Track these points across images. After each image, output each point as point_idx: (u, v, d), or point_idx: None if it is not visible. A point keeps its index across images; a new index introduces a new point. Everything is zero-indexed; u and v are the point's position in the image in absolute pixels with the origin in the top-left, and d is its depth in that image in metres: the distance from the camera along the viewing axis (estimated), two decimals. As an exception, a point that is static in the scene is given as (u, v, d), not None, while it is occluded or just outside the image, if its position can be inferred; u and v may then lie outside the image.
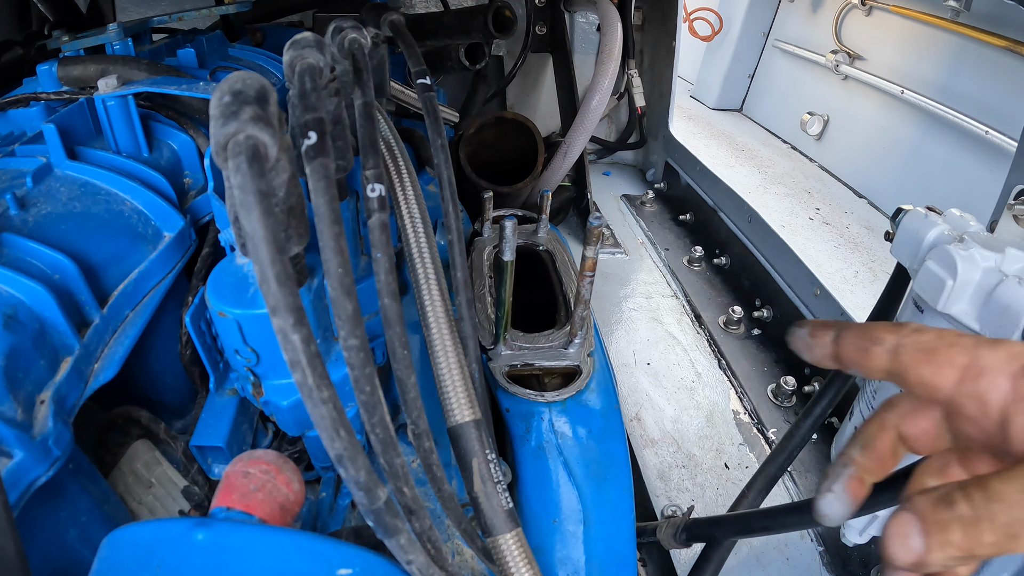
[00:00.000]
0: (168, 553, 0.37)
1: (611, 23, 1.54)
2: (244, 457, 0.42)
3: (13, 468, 0.41)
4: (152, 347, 0.63)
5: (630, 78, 2.06)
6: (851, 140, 2.44)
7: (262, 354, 0.52)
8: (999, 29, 1.82)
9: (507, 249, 0.70)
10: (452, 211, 0.56)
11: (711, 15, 3.03)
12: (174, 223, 0.63)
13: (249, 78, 0.35)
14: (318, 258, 0.37)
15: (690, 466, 1.19)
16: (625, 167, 2.31)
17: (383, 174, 0.44)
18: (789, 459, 0.88)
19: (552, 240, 1.02)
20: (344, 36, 0.56)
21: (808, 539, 1.07)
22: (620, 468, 0.71)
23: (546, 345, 0.82)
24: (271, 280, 0.30)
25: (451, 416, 0.46)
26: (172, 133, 0.71)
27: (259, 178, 0.32)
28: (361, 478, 0.32)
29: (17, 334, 0.45)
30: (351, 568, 0.38)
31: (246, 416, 0.61)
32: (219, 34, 0.90)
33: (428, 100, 0.60)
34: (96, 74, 0.69)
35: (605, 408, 0.76)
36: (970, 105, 1.95)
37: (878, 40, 2.35)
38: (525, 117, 1.38)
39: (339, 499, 0.62)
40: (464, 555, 0.59)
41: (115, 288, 0.56)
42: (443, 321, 0.48)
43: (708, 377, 1.38)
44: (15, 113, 0.69)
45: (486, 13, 1.03)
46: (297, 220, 0.44)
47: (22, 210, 0.54)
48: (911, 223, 0.72)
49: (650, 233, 1.91)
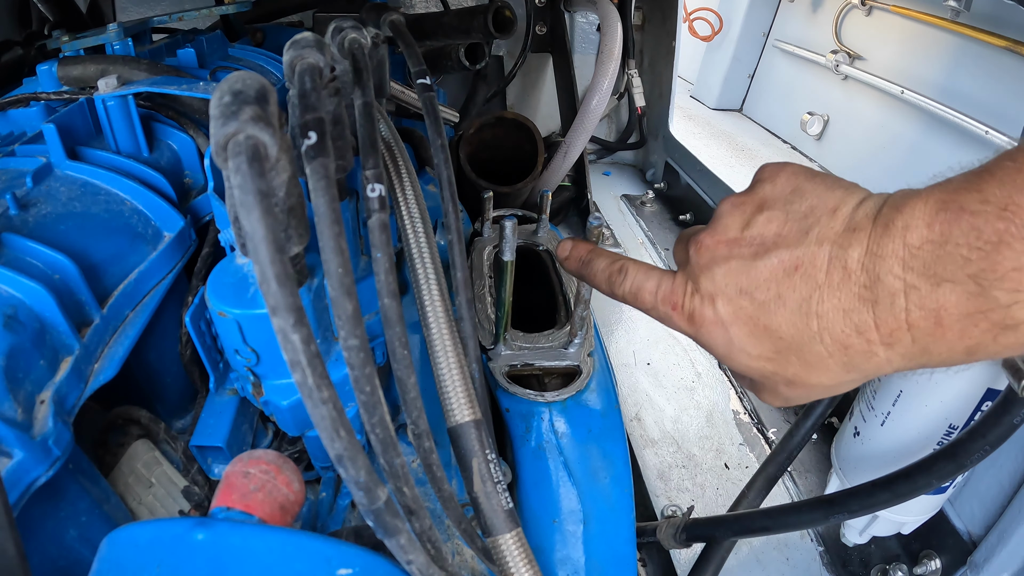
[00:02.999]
0: (168, 553, 0.37)
1: (611, 23, 1.54)
2: (244, 457, 0.42)
3: (13, 468, 0.41)
4: (152, 347, 0.63)
5: (630, 78, 2.06)
6: (851, 140, 2.44)
7: (262, 354, 0.52)
8: (999, 29, 1.82)
9: (507, 249, 0.70)
10: (452, 211, 0.56)
11: (711, 15, 3.03)
12: (174, 223, 0.63)
13: (249, 78, 0.35)
14: (318, 258, 0.37)
15: (690, 466, 1.19)
16: (625, 167, 2.31)
17: (383, 174, 0.44)
18: (789, 459, 0.88)
19: (552, 240, 1.02)
20: (344, 36, 0.55)
21: (808, 539, 1.07)
22: (620, 468, 0.71)
23: (546, 345, 0.82)
24: (271, 280, 0.30)
25: (451, 416, 0.46)
26: (172, 133, 0.71)
27: (259, 178, 0.32)
28: (361, 478, 0.32)
29: (17, 334, 0.45)
30: (351, 568, 0.38)
31: (246, 416, 0.61)
32: (219, 34, 0.90)
33: (428, 100, 0.60)
34: (96, 74, 0.69)
35: (605, 408, 0.76)
36: (970, 105, 1.95)
37: (878, 40, 2.35)
38: (525, 117, 1.38)
39: (339, 499, 0.62)
40: (464, 555, 0.59)
41: (115, 288, 0.56)
42: (443, 321, 0.48)
43: (708, 377, 1.38)
44: (15, 113, 0.69)
45: (486, 13, 1.03)
46: (297, 220, 0.44)
47: (22, 210, 0.54)
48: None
49: (650, 233, 1.91)
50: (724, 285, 0.39)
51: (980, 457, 0.61)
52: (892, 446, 0.84)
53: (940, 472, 0.63)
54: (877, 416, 0.85)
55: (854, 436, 0.91)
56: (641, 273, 0.46)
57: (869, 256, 0.33)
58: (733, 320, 0.39)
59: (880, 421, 0.85)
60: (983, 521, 0.89)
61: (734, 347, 0.40)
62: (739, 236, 0.39)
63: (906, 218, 0.32)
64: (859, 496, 0.68)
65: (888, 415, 0.83)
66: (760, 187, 0.40)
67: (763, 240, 0.38)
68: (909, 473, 0.65)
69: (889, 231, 0.32)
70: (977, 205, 0.29)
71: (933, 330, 0.31)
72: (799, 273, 0.35)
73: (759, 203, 0.39)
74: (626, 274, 0.47)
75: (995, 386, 0.73)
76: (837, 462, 0.96)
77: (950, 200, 0.31)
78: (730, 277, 0.39)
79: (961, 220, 0.30)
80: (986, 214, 0.29)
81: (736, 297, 0.38)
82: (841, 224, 0.35)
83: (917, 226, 0.31)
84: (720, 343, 0.40)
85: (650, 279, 0.45)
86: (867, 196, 0.36)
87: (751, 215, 0.39)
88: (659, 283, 0.44)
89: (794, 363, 0.38)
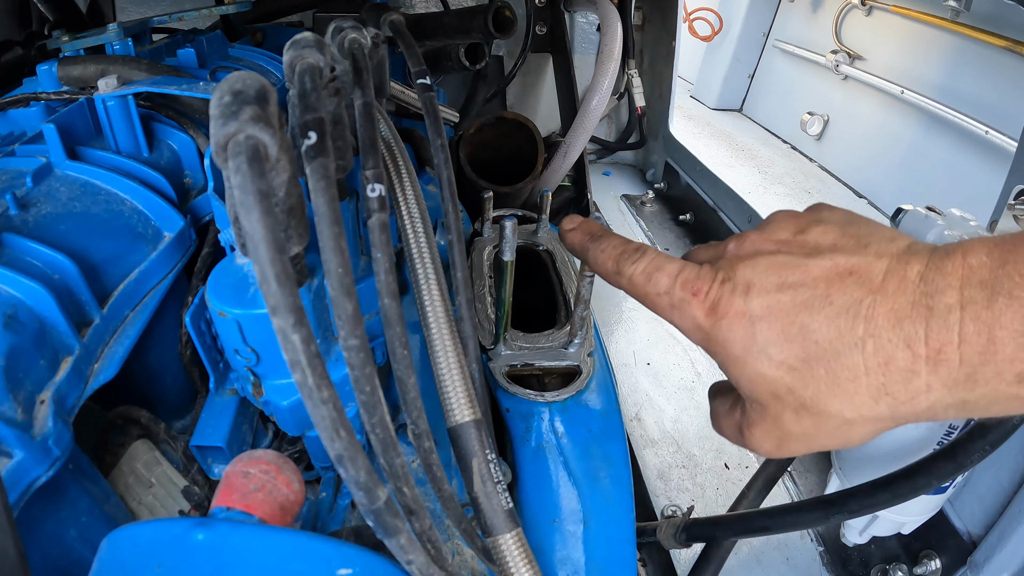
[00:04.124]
0: (168, 553, 0.37)
1: (611, 23, 1.54)
2: (244, 457, 0.42)
3: (13, 468, 0.41)
4: (152, 347, 0.63)
5: (630, 78, 2.06)
6: (851, 140, 2.44)
7: (262, 354, 0.52)
8: (999, 29, 1.82)
9: (507, 249, 0.70)
10: (452, 211, 0.56)
11: (711, 15, 3.03)
12: (174, 223, 0.63)
13: (249, 78, 0.35)
14: (318, 258, 0.37)
15: (690, 466, 1.19)
16: (625, 167, 2.31)
17: (383, 174, 0.44)
18: (789, 459, 0.88)
19: (552, 240, 1.02)
20: (344, 36, 0.55)
21: (808, 539, 1.07)
22: (620, 468, 0.71)
23: (546, 345, 0.82)
24: (271, 280, 0.30)
25: (451, 416, 0.46)
26: (172, 133, 0.71)
27: (259, 178, 0.32)
28: (361, 478, 0.32)
29: (17, 334, 0.45)
30: (351, 568, 0.38)
31: (246, 416, 0.61)
32: (219, 34, 0.90)
33: (428, 100, 0.60)
34: (96, 74, 0.69)
35: (605, 408, 0.76)
36: (970, 105, 1.95)
37: (878, 40, 2.35)
38: (525, 117, 1.38)
39: (339, 499, 0.62)
40: (464, 555, 0.59)
41: (115, 288, 0.56)
42: (443, 321, 0.48)
43: (708, 377, 1.38)
44: (15, 113, 0.69)
45: (486, 13, 1.03)
46: (297, 220, 0.44)
47: (22, 210, 0.54)
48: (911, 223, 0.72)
49: (650, 233, 1.91)
50: (764, 277, 0.36)
51: (980, 457, 0.61)
52: (892, 446, 0.84)
53: (940, 472, 0.63)
54: (877, 416, 0.85)
55: (854, 436, 0.90)
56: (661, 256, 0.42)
57: (929, 269, 0.33)
58: (765, 314, 0.36)
59: (880, 421, 0.85)
60: (983, 521, 0.89)
61: (755, 347, 0.36)
62: (791, 238, 0.38)
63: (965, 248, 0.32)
64: (859, 496, 0.68)
65: (888, 415, 0.83)
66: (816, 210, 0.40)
67: (817, 244, 0.37)
68: (909, 473, 0.65)
69: (950, 255, 0.33)
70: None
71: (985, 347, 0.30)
72: (853, 277, 0.34)
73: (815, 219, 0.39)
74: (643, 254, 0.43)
75: (995, 386, 0.73)
76: (837, 462, 0.96)
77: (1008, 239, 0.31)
78: (773, 270, 0.36)
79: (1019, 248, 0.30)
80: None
81: (774, 291, 0.36)
82: (899, 246, 0.35)
83: (976, 252, 0.32)
84: (739, 340, 0.37)
85: (672, 262, 0.41)
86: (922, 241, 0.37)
87: (806, 225, 0.38)
88: (682, 267, 0.41)
89: (820, 377, 0.34)
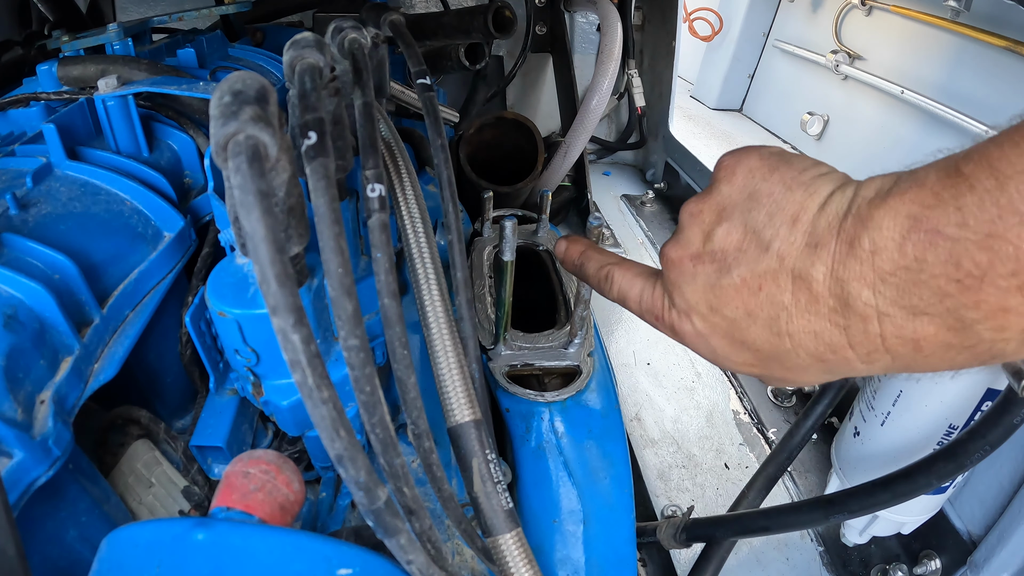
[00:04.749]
0: (168, 553, 0.37)
1: (611, 23, 1.54)
2: (244, 457, 0.42)
3: (13, 468, 0.41)
4: (152, 347, 0.63)
5: (630, 78, 2.06)
6: (851, 140, 2.44)
7: (262, 354, 0.52)
8: (999, 29, 1.82)
9: (507, 249, 0.70)
10: (452, 211, 0.56)
11: (711, 15, 3.03)
12: (174, 223, 0.63)
13: (249, 78, 0.35)
14: (318, 258, 0.37)
15: (690, 466, 1.19)
16: (625, 167, 2.31)
17: (383, 174, 0.44)
18: (789, 459, 0.88)
19: (552, 240, 1.02)
20: (344, 36, 0.55)
21: (808, 539, 1.07)
22: (620, 468, 0.71)
23: (546, 345, 0.82)
24: (271, 280, 0.30)
25: (451, 416, 0.46)
26: (172, 133, 0.71)
27: (259, 178, 0.32)
28: (361, 478, 0.32)
29: (17, 334, 0.45)
30: (351, 568, 0.38)
31: (246, 416, 0.61)
32: (219, 34, 0.90)
33: (428, 100, 0.60)
34: (96, 74, 0.69)
35: (605, 408, 0.76)
36: (970, 105, 1.95)
37: (878, 40, 2.35)
38: (525, 117, 1.38)
39: (339, 499, 0.62)
40: (464, 555, 0.59)
41: (115, 288, 0.56)
42: (443, 321, 0.48)
43: (708, 377, 1.38)
44: (15, 113, 0.69)
45: (486, 13, 1.03)
46: (297, 220, 0.44)
47: (22, 210, 0.54)
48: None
49: (650, 233, 1.91)
50: (695, 302, 0.39)
51: (980, 457, 0.61)
52: (892, 446, 0.84)
53: (940, 472, 0.63)
54: (877, 416, 0.85)
55: (854, 436, 0.91)
56: (626, 281, 0.47)
57: (835, 280, 0.31)
58: (711, 332, 0.39)
59: (880, 421, 0.85)
60: (983, 521, 0.89)
61: (718, 356, 0.41)
62: (701, 250, 0.39)
63: (873, 235, 0.29)
64: (859, 496, 0.68)
65: (888, 415, 0.84)
66: (718, 189, 0.39)
67: (724, 255, 0.37)
68: (909, 473, 0.65)
69: (854, 251, 0.30)
70: (955, 230, 0.26)
71: (913, 355, 0.30)
72: (763, 292, 0.35)
73: (718, 211, 0.38)
74: (612, 281, 0.48)
75: (995, 386, 0.74)
76: (837, 462, 0.96)
77: (923, 217, 0.27)
78: (699, 295, 0.39)
79: (937, 246, 0.27)
80: (965, 242, 0.26)
81: (708, 314, 0.39)
82: (802, 238, 0.33)
83: (887, 248, 0.28)
84: (705, 352, 0.42)
85: (633, 287, 0.46)
86: (828, 196, 0.33)
87: (711, 226, 0.38)
88: (641, 293, 0.45)
89: (778, 368, 0.38)
